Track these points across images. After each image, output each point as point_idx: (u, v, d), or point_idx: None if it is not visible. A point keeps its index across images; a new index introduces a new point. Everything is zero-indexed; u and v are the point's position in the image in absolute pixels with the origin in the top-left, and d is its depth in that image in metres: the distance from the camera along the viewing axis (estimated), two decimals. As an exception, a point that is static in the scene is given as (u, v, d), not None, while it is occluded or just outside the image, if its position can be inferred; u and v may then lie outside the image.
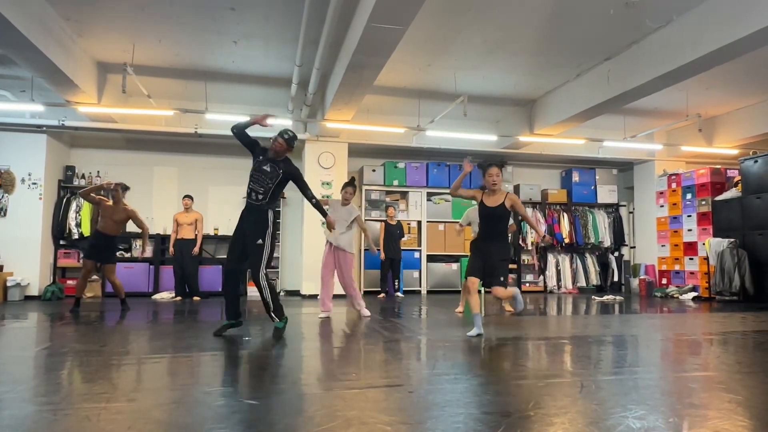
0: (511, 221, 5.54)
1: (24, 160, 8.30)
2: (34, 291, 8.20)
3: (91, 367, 3.15)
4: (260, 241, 4.33)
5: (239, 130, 4.40)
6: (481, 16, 5.96)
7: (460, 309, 6.55)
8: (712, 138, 10.03)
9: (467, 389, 2.63)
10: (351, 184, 5.96)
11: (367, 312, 6.02)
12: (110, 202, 6.51)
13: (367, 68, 6.11)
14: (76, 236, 8.67)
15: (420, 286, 9.87)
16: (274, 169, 4.41)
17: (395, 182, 9.95)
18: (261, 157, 4.45)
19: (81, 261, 6.56)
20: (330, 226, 5.05)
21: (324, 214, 4.77)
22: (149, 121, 8.52)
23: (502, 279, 4.49)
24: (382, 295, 9.07)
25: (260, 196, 4.38)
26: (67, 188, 8.91)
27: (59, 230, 8.65)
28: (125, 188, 6.79)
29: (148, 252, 8.90)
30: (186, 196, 8.48)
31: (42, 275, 8.36)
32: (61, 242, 8.77)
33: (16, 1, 5.11)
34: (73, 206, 8.74)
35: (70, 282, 8.64)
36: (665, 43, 6.16)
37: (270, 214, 4.42)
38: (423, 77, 7.95)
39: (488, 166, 4.64)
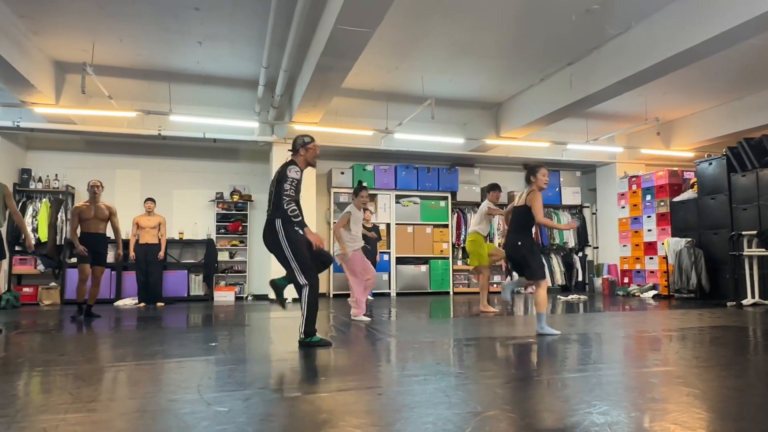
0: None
1: (-24, 163, 7.95)
2: (-13, 299, 7.84)
3: (49, 378, 3.03)
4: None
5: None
6: (447, 20, 6.02)
7: (489, 309, 6.57)
8: (670, 141, 10.40)
9: (436, 390, 2.65)
10: (365, 187, 6.02)
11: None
12: (86, 204, 6.33)
13: (334, 70, 6.09)
14: (32, 242, 8.34)
15: (389, 289, 9.88)
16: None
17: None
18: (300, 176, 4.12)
19: (78, 267, 6.33)
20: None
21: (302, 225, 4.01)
22: (110, 123, 8.28)
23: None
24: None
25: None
26: (23, 192, 8.58)
27: (14, 236, 8.30)
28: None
29: (110, 257, 8.65)
30: (148, 199, 8.25)
31: (-4, 283, 8.01)
32: (17, 248, 8.42)
33: (-34, -3, 4.90)
34: (30, 211, 8.42)
35: (26, 289, 8.31)
36: (625, 48, 6.36)
37: (278, 223, 3.99)
38: (391, 80, 7.99)
39: (540, 166, 4.80)
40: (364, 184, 6.09)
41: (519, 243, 4.71)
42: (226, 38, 6.53)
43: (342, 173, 9.88)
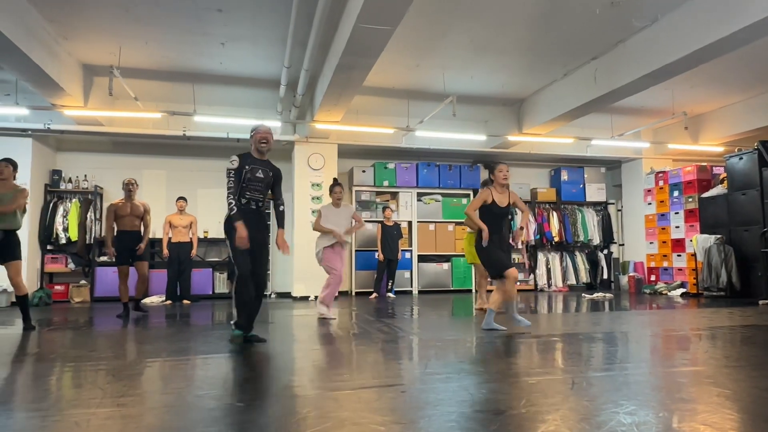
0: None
1: (9, 165, 8.18)
2: (21, 297, 8.08)
3: (80, 373, 3.12)
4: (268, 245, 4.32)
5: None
6: (467, 16, 5.98)
7: (481, 305, 6.50)
8: (698, 136, 10.15)
9: (459, 388, 2.64)
10: (338, 183, 6.06)
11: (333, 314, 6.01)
12: (122, 201, 6.37)
13: (355, 69, 6.10)
14: (63, 241, 8.57)
15: (411, 287, 9.87)
16: (266, 173, 4.27)
17: (385, 183, 9.95)
18: (248, 166, 4.19)
19: (117, 268, 6.36)
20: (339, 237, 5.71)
21: (281, 223, 4.37)
22: (136, 124, 8.45)
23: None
24: (374, 295, 9.07)
25: (260, 204, 4.25)
26: (53, 192, 8.81)
27: (46, 235, 8.55)
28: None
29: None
30: (180, 198, 8.37)
31: (29, 281, 8.24)
32: (48, 247, 8.66)
33: (-1, 4, 5.05)
34: (60, 210, 8.65)
35: (57, 287, 8.55)
36: (651, 42, 6.23)
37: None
38: (412, 78, 7.97)
39: (497, 163, 4.85)
40: (339, 180, 6.21)
41: (479, 243, 4.83)
42: (248, 39, 6.60)
43: (363, 171, 9.90)
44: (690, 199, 9.47)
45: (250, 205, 4.19)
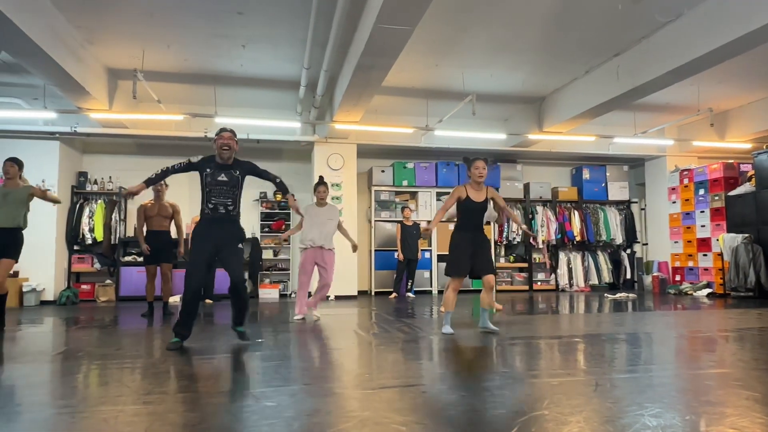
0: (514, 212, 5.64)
1: (37, 167, 8.39)
2: (49, 296, 8.29)
3: (106, 371, 3.18)
4: (240, 246, 4.20)
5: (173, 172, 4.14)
6: (487, 14, 5.94)
7: (499, 306, 6.46)
8: (725, 132, 9.92)
9: (481, 389, 2.63)
10: (323, 183, 5.96)
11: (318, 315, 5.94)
12: (151, 202, 6.42)
13: (375, 69, 6.11)
14: (89, 241, 8.77)
15: (431, 287, 9.85)
16: (231, 176, 4.12)
17: (404, 182, 9.95)
18: (209, 170, 4.10)
19: (145, 268, 6.49)
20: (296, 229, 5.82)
21: (286, 190, 4.42)
22: (159, 126, 8.59)
23: (493, 266, 4.67)
24: (393, 295, 9.07)
25: (230, 207, 4.12)
26: (80, 194, 9.01)
27: (73, 235, 8.75)
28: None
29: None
30: None
31: (57, 280, 8.46)
32: (75, 247, 8.87)
33: (27, 10, 5.18)
34: (86, 211, 8.84)
35: (84, 286, 8.74)
36: (675, 37, 6.11)
37: (240, 224, 4.24)
38: (431, 77, 7.95)
39: (474, 159, 4.71)
40: (324, 179, 6.06)
41: (453, 238, 4.74)
42: (268, 41, 6.66)
43: (383, 171, 9.91)
44: (716, 198, 9.26)
45: (218, 210, 4.08)
